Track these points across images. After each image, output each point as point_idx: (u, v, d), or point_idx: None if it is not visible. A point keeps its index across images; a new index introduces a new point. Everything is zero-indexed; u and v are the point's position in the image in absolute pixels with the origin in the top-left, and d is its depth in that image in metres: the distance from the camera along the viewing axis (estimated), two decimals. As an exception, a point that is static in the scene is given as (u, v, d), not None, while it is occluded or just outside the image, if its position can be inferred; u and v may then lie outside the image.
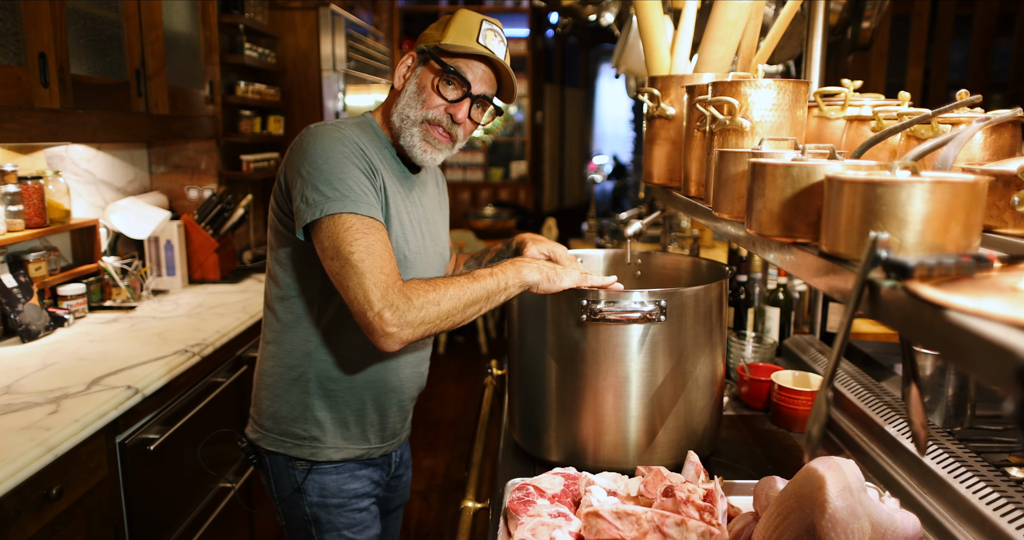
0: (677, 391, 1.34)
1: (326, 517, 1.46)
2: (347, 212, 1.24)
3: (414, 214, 1.45)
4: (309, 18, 3.83)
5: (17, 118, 1.84)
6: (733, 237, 1.08)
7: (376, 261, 1.22)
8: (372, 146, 1.38)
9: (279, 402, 1.44)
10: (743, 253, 2.16)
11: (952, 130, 0.87)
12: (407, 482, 1.73)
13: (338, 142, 1.30)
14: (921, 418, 0.74)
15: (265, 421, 1.46)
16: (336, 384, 1.43)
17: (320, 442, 1.44)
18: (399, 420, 1.54)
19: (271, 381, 1.45)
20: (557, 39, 8.11)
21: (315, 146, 1.30)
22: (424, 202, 1.51)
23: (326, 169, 1.26)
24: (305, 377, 1.42)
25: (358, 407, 1.45)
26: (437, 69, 1.38)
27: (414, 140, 1.39)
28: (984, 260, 0.58)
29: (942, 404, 1.51)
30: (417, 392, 1.57)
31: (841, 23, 2.74)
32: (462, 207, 7.16)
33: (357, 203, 1.25)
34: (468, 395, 4.68)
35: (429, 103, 1.38)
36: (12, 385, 1.77)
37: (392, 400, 1.49)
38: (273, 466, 1.46)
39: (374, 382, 1.45)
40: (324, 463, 1.45)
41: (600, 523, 1.08)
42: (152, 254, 2.85)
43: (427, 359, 1.57)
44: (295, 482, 1.45)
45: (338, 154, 1.29)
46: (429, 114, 1.38)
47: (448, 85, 1.38)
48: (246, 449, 1.50)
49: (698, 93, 1.22)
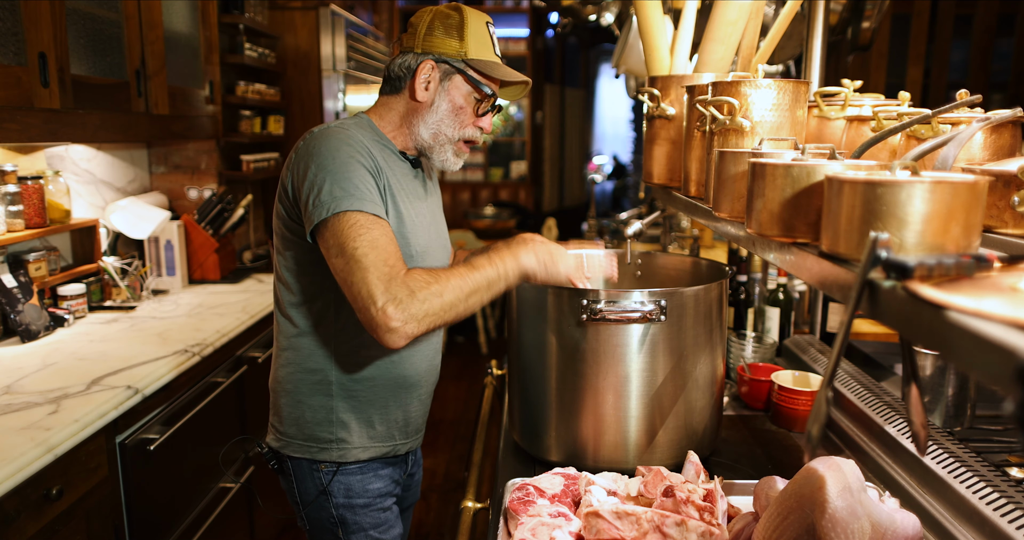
0: (677, 391, 1.34)
1: (352, 518, 1.45)
2: (353, 210, 1.24)
3: (420, 210, 1.46)
4: (309, 18, 3.83)
5: (17, 118, 1.84)
6: (733, 237, 1.08)
7: (380, 254, 1.22)
8: (375, 146, 1.38)
9: (301, 408, 1.43)
10: (743, 253, 2.16)
11: (952, 130, 0.87)
12: (419, 480, 1.73)
13: (344, 143, 1.31)
14: (921, 418, 0.74)
15: (288, 428, 1.45)
16: (358, 385, 1.43)
17: (347, 443, 1.43)
18: (420, 415, 1.55)
19: (291, 387, 1.44)
20: (557, 39, 8.11)
21: (321, 148, 1.30)
22: (427, 197, 1.52)
23: (332, 170, 1.27)
24: (327, 380, 1.42)
25: (382, 405, 1.45)
26: (474, 88, 1.41)
27: (447, 155, 1.44)
28: (984, 260, 0.58)
29: (942, 404, 1.51)
30: (434, 385, 1.57)
31: (841, 23, 2.74)
32: (462, 207, 7.16)
33: (362, 201, 1.26)
34: (468, 395, 4.68)
35: (466, 123, 1.42)
36: (12, 385, 1.77)
37: (413, 395, 1.49)
38: (296, 471, 1.46)
39: (395, 379, 1.45)
40: (351, 463, 1.44)
41: (600, 523, 1.08)
42: (152, 254, 2.85)
43: (440, 351, 1.57)
44: (320, 485, 1.44)
45: (343, 154, 1.29)
46: (467, 133, 1.43)
47: (483, 103, 1.42)
48: (267, 456, 1.49)
49: (698, 93, 1.22)
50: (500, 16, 7.31)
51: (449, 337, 5.83)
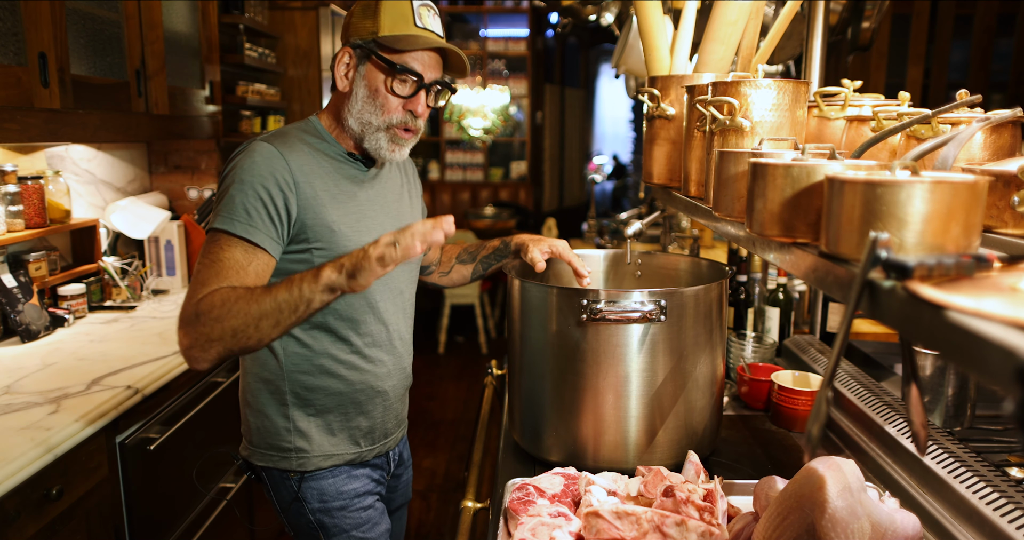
0: (677, 391, 1.34)
1: (331, 521, 1.45)
2: (221, 229, 1.24)
3: (369, 210, 1.42)
4: (309, 18, 3.83)
5: (17, 118, 1.84)
6: (733, 237, 1.08)
7: (208, 274, 1.21)
8: (308, 156, 1.34)
9: (260, 417, 1.43)
10: (743, 253, 2.16)
11: (952, 130, 0.87)
12: (407, 481, 1.72)
13: (251, 162, 1.28)
14: (921, 418, 0.74)
15: (253, 437, 1.45)
16: (312, 394, 1.41)
17: (306, 452, 1.42)
18: (389, 420, 1.52)
19: (250, 397, 1.44)
20: (557, 39, 8.11)
21: (232, 163, 1.30)
22: (386, 194, 1.48)
23: (228, 187, 1.27)
24: (280, 389, 1.40)
25: (341, 413, 1.43)
26: (384, 67, 1.32)
27: (380, 143, 1.37)
28: (984, 260, 0.58)
29: (942, 404, 1.51)
30: (403, 390, 1.55)
31: (841, 23, 2.73)
32: (462, 207, 7.16)
33: (233, 222, 1.24)
34: (468, 395, 4.68)
35: (388, 107, 1.34)
36: (12, 385, 1.77)
37: (375, 402, 1.47)
38: (270, 479, 1.45)
39: (352, 387, 1.43)
40: (315, 471, 1.43)
41: (600, 523, 1.08)
42: (152, 254, 2.85)
43: (409, 353, 1.55)
44: (293, 492, 1.44)
45: (245, 174, 1.27)
46: (393, 119, 1.35)
47: (402, 83, 1.34)
48: (243, 466, 1.49)
49: (698, 93, 1.22)
50: (500, 16, 7.31)
51: (449, 337, 5.83)
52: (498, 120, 6.45)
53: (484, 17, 7.21)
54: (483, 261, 1.70)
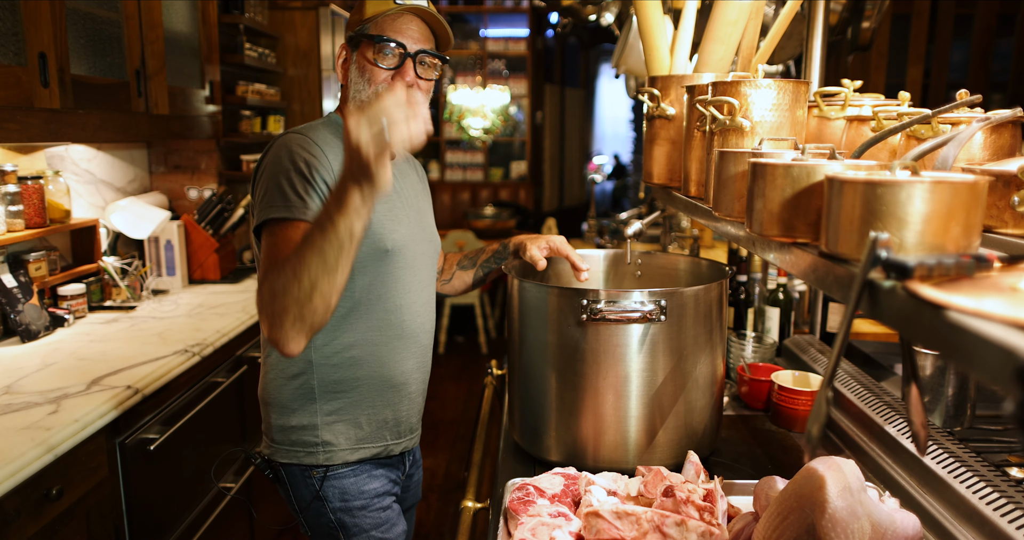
0: (677, 391, 1.34)
1: (351, 521, 1.45)
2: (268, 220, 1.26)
3: (396, 202, 1.44)
4: (309, 18, 3.83)
5: (17, 118, 1.84)
6: (733, 237, 1.08)
7: (267, 266, 1.22)
8: (336, 146, 1.37)
9: (287, 413, 1.44)
10: (743, 253, 2.16)
11: (952, 130, 0.87)
12: (419, 481, 1.73)
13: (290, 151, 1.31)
14: (921, 418, 0.74)
15: (276, 434, 1.45)
16: (342, 386, 1.43)
17: (333, 446, 1.43)
18: (412, 414, 1.54)
19: (275, 394, 1.45)
20: (557, 39, 8.11)
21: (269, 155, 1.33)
22: (406, 190, 1.51)
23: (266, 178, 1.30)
24: (309, 384, 1.42)
25: (369, 406, 1.45)
26: (369, 45, 1.37)
27: None
28: (984, 260, 0.58)
29: (942, 404, 1.51)
30: (424, 384, 1.57)
31: (841, 23, 2.74)
32: (462, 207, 7.16)
33: (275, 209, 1.26)
34: (468, 395, 4.68)
35: (375, 78, 1.36)
36: (12, 385, 1.77)
37: (402, 394, 1.49)
38: (290, 478, 1.45)
39: (380, 379, 1.45)
40: (340, 466, 1.44)
41: (600, 523, 1.08)
42: (152, 254, 2.85)
43: (429, 347, 1.56)
44: (314, 490, 1.44)
45: (284, 161, 1.30)
46: (379, 89, 1.36)
47: (386, 55, 1.36)
48: (261, 465, 1.49)
49: (698, 93, 1.22)
50: (500, 16, 7.31)
51: (449, 337, 5.83)
52: (498, 120, 6.45)
53: (484, 17, 7.22)
54: (483, 265, 1.71)
